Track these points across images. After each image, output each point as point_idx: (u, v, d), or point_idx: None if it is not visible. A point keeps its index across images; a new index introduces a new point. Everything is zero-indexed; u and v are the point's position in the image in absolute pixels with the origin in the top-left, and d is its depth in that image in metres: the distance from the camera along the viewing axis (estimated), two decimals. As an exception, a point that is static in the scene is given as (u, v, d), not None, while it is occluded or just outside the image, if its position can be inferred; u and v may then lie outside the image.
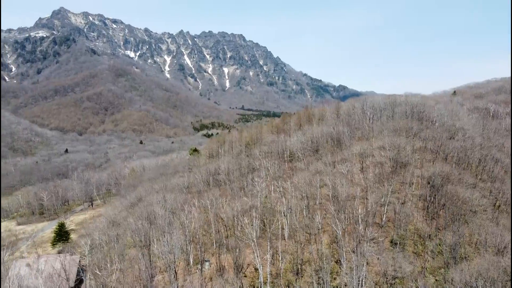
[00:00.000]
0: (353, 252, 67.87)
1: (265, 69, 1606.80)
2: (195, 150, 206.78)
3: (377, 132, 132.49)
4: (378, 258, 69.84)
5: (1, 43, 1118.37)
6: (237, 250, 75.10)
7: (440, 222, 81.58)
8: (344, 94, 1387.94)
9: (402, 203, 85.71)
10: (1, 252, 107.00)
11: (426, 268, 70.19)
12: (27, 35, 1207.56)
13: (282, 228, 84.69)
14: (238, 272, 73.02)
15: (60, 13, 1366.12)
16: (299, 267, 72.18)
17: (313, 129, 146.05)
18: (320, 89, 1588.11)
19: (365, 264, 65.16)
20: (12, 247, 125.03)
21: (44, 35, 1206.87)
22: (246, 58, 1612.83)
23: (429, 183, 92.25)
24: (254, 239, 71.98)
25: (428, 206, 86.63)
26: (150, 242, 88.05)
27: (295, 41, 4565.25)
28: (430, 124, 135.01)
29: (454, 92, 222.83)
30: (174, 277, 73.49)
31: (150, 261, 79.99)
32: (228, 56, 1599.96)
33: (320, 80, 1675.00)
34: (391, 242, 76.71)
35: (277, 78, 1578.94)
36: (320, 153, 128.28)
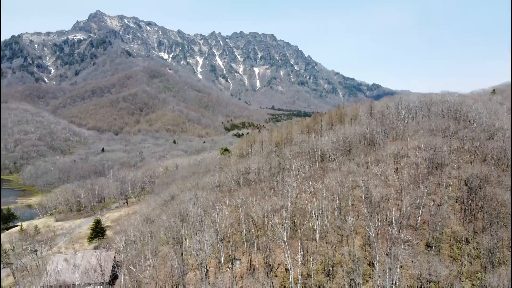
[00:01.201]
0: (387, 254, 66.32)
1: (296, 68, 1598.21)
2: (226, 149, 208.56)
3: (412, 132, 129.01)
4: (412, 261, 67.91)
5: (35, 45, 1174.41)
6: (268, 250, 75.12)
7: (477, 225, 78.38)
8: (378, 93, 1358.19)
9: (438, 205, 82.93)
10: (0, 251, 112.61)
11: (462, 272, 67.62)
12: (65, 38, 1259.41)
13: (313, 229, 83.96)
14: (269, 271, 73.04)
15: (96, 16, 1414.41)
16: (331, 268, 71.30)
17: (346, 129, 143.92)
18: (353, 88, 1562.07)
19: (398, 267, 63.51)
20: (51, 242, 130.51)
21: (82, 38, 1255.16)
22: (277, 58, 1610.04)
23: (466, 184, 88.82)
24: (285, 239, 71.70)
25: (465, 208, 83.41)
26: (182, 240, 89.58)
27: (327, 39, 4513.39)
28: (468, 124, 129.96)
29: (493, 90, 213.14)
30: (206, 275, 74.37)
31: (182, 258, 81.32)
32: (259, 56, 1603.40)
33: (353, 79, 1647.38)
34: (426, 245, 74.40)
35: (308, 77, 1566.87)
36: (352, 153, 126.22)
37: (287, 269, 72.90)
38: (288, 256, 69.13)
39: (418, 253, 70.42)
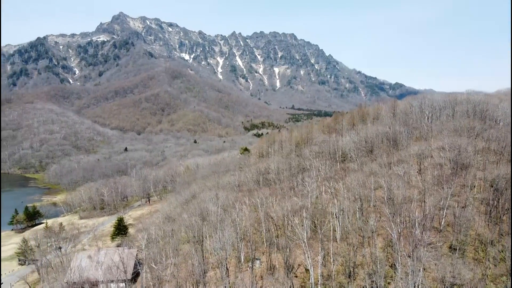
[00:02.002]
0: (409, 256, 65.19)
1: (316, 67, 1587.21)
2: (246, 149, 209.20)
3: (436, 132, 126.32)
4: (435, 264, 66.58)
5: (60, 47, 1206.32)
6: (288, 250, 74.98)
7: (503, 228, 76.07)
8: (400, 92, 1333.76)
9: (463, 207, 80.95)
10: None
11: (487, 276, 65.85)
12: (89, 39, 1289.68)
13: (334, 230, 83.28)
14: (289, 272, 72.90)
15: (119, 18, 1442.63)
16: (352, 270, 70.60)
17: (367, 129, 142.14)
18: (375, 87, 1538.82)
19: (421, 270, 62.37)
20: (75, 239, 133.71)
21: (105, 39, 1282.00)
22: (297, 57, 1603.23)
23: (492, 186, 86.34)
24: (305, 240, 71.40)
25: (490, 210, 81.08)
26: (203, 238, 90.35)
27: (349, 38, 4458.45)
28: (494, 124, 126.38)
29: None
30: (226, 273, 74.82)
31: (203, 257, 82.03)
32: (279, 55, 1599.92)
33: (375, 78, 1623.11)
34: (450, 247, 72.78)
35: (329, 76, 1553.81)
36: (374, 153, 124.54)
37: (307, 270, 72.60)
38: (308, 257, 68.83)
39: (441, 255, 69.01)
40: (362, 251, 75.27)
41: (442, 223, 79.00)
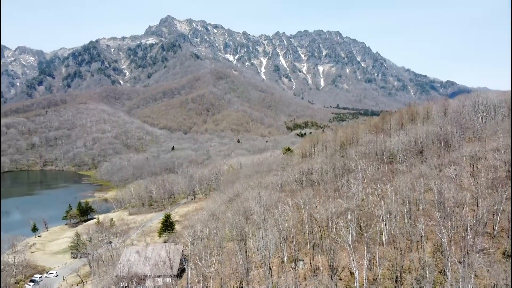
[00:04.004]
0: (460, 262, 62.32)
1: (362, 65, 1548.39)
2: (289, 149, 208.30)
3: (490, 133, 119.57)
4: (488, 271, 63.19)
5: (111, 50, 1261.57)
6: (332, 252, 74.06)
7: None
8: (452, 90, 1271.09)
9: (520, 212, 76.10)
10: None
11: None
12: (139, 42, 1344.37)
13: (380, 233, 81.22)
14: (333, 274, 72.05)
15: (167, 21, 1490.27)
16: (399, 274, 68.55)
17: (417, 129, 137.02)
18: (425, 85, 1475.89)
19: (472, 276, 59.42)
20: (124, 235, 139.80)
21: (153, 42, 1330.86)
22: (343, 55, 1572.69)
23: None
24: (350, 243, 70.22)
25: (551, 216, 75.49)
26: (246, 237, 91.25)
27: (397, 34, 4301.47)
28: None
29: None
30: (269, 273, 75.21)
31: (246, 255, 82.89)
32: (324, 54, 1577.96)
33: (425, 76, 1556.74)
34: (504, 254, 68.72)
35: (376, 74, 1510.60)
36: (424, 155, 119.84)
37: (352, 273, 71.43)
38: (353, 260, 67.69)
39: (494, 262, 65.38)
40: (410, 256, 72.89)
41: (496, 228, 74.76)
